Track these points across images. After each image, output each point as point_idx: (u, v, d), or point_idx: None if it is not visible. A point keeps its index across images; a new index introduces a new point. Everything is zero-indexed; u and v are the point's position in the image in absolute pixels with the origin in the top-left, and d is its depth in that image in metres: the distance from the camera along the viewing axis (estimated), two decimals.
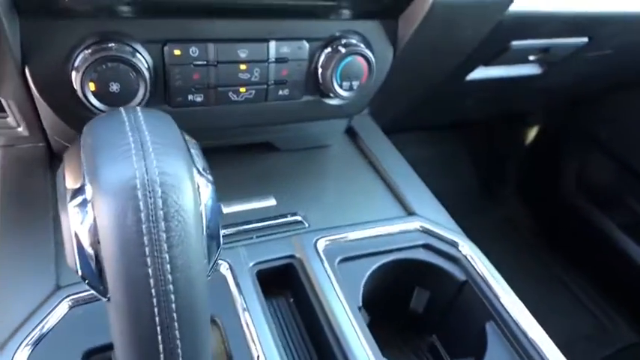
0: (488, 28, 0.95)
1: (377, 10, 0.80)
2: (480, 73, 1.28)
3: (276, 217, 0.82)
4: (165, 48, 0.70)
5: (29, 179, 0.81)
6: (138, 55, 0.68)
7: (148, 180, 0.41)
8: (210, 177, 0.48)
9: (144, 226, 0.40)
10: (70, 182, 0.45)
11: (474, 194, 2.22)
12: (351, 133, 1.07)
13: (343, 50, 0.77)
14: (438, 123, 1.91)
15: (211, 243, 0.47)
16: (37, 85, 0.67)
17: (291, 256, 0.76)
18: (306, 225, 0.82)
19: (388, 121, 1.32)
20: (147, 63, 0.69)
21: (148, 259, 0.40)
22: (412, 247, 0.83)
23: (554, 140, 2.02)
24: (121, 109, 0.48)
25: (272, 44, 0.75)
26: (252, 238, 0.78)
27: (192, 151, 0.51)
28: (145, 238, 0.40)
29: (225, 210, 0.82)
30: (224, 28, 0.72)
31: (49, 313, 0.63)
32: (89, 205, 0.41)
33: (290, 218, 0.82)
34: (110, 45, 0.65)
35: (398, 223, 0.85)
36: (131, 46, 0.67)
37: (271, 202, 0.85)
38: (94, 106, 0.67)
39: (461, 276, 0.81)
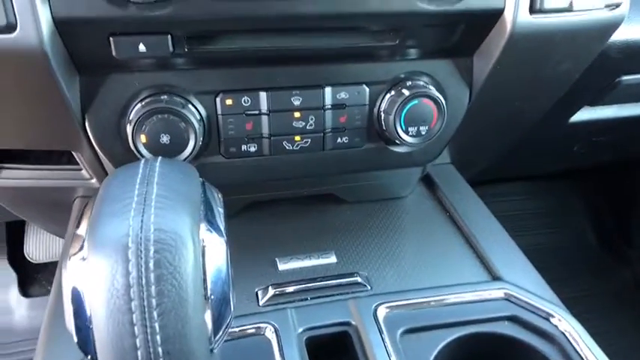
0: (587, 61, 0.82)
1: (446, 48, 0.73)
2: (586, 114, 1.12)
3: (334, 277, 0.74)
4: (218, 98, 0.68)
5: None
6: (189, 105, 0.67)
7: (141, 238, 0.36)
8: (224, 235, 0.43)
9: (132, 290, 0.35)
10: (76, 237, 0.42)
11: (592, 251, 1.94)
12: (428, 182, 0.97)
13: (407, 93, 0.70)
14: (544, 171, 1.72)
15: (219, 310, 0.41)
16: (95, 138, 0.69)
17: (347, 323, 0.67)
18: (368, 287, 0.73)
19: (478, 170, 1.20)
20: (199, 114, 0.67)
21: (136, 328, 0.35)
22: (495, 319, 0.69)
23: None
24: (143, 160, 0.45)
25: (328, 90, 0.70)
26: (306, 299, 0.70)
27: (214, 206, 0.46)
28: (133, 304, 0.35)
29: (281, 267, 0.76)
30: (277, 76, 0.69)
31: None
32: (84, 264, 0.38)
33: (349, 279, 0.73)
34: (162, 97, 0.65)
35: (479, 289, 0.73)
36: (183, 98, 0.67)
37: (331, 259, 0.78)
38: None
39: (557, 358, 0.65)
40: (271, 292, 0.71)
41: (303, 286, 0.72)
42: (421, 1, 0.63)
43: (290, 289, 0.72)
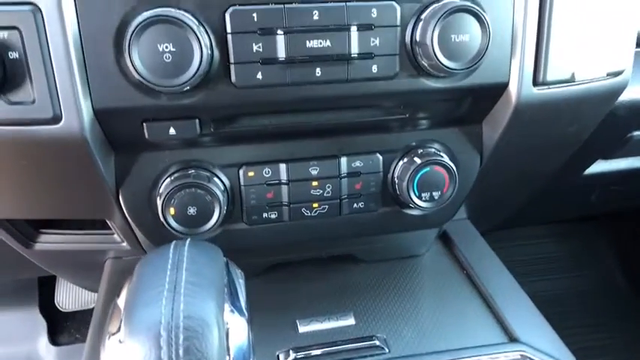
0: (595, 123, 0.85)
1: (455, 118, 0.77)
2: (601, 166, 1.14)
3: (353, 341, 0.76)
4: (241, 171, 0.73)
5: None
6: (215, 179, 0.71)
7: (172, 326, 0.40)
8: (246, 314, 0.46)
9: None
10: (114, 318, 0.46)
11: (621, 296, 1.89)
12: (445, 239, 0.99)
13: (419, 161, 0.74)
14: (562, 218, 1.71)
15: None
16: (128, 209, 0.74)
17: None
18: (386, 350, 0.75)
19: (495, 223, 1.21)
20: (223, 185, 0.72)
21: None
22: None
23: None
24: (173, 243, 0.49)
25: (343, 160, 0.75)
26: None
27: (236, 280, 0.50)
28: None
29: (301, 329, 0.78)
30: (295, 148, 0.74)
31: None
32: (121, 347, 0.42)
33: (368, 342, 0.75)
34: (190, 172, 0.70)
35: (495, 352, 0.74)
36: (209, 171, 0.72)
37: (350, 321, 0.80)
38: (174, 229, 0.71)
39: None
40: (292, 355, 0.73)
41: (322, 350, 0.74)
42: (428, 80, 0.68)
43: (310, 353, 0.74)
